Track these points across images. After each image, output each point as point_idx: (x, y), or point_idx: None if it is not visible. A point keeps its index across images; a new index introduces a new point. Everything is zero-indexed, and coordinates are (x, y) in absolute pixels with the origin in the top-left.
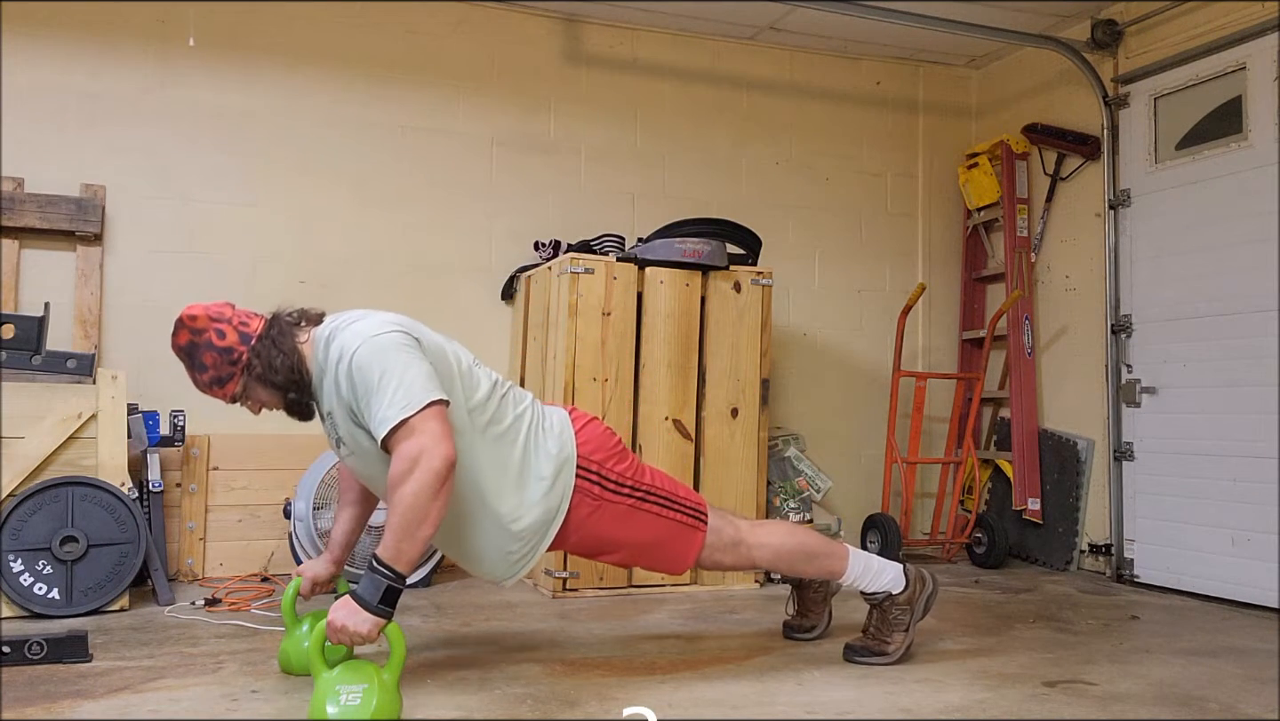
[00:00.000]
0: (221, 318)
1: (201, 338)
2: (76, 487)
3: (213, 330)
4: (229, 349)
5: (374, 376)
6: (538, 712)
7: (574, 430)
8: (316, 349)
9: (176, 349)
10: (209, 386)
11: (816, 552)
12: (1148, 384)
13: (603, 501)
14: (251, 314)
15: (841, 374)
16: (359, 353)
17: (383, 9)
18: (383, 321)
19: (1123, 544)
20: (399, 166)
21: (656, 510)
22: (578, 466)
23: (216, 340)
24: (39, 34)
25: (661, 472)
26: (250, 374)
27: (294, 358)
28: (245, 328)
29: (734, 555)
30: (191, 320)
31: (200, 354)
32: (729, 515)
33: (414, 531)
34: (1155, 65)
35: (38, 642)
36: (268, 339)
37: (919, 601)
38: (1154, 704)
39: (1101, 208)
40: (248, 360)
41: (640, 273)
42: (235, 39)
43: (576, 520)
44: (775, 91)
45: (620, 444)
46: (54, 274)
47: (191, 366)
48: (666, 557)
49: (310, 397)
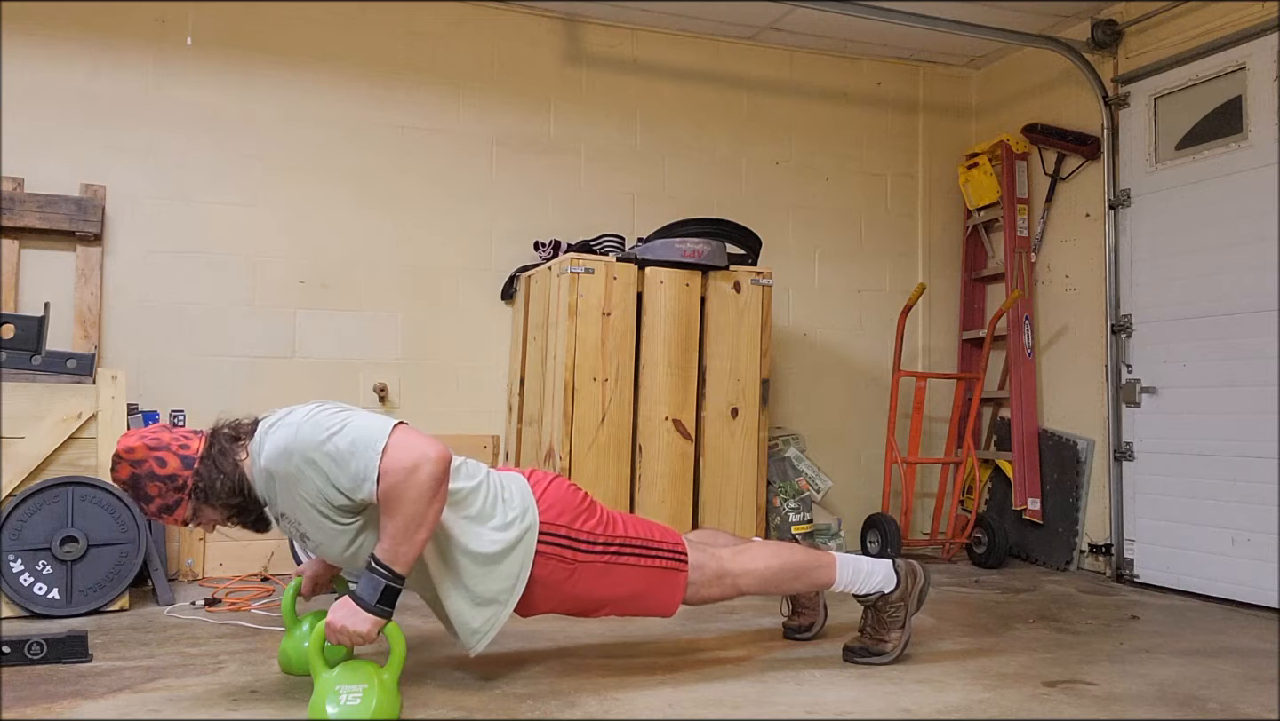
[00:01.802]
0: (160, 445)
1: (142, 469)
2: (76, 487)
3: (152, 459)
4: (172, 475)
5: (331, 449)
6: (538, 712)
7: (535, 496)
8: (255, 459)
9: (119, 483)
10: (158, 515)
11: (803, 569)
12: (1148, 384)
13: (577, 564)
14: (190, 433)
15: (841, 374)
16: (299, 443)
17: (383, 9)
18: (306, 408)
19: (1123, 544)
20: (399, 166)
21: (634, 560)
22: (546, 533)
23: (158, 469)
24: (39, 34)
25: (634, 518)
26: (197, 497)
27: (235, 475)
28: (186, 450)
29: (720, 587)
30: (129, 452)
31: (144, 485)
32: (709, 547)
33: (412, 534)
34: (1155, 65)
35: (38, 642)
36: (209, 459)
37: (912, 596)
38: (1154, 704)
39: (1101, 208)
40: (193, 485)
41: (640, 273)
42: (235, 39)
43: (553, 585)
44: (775, 91)
45: (586, 499)
46: (54, 274)
47: (137, 498)
48: (653, 604)
49: (259, 509)
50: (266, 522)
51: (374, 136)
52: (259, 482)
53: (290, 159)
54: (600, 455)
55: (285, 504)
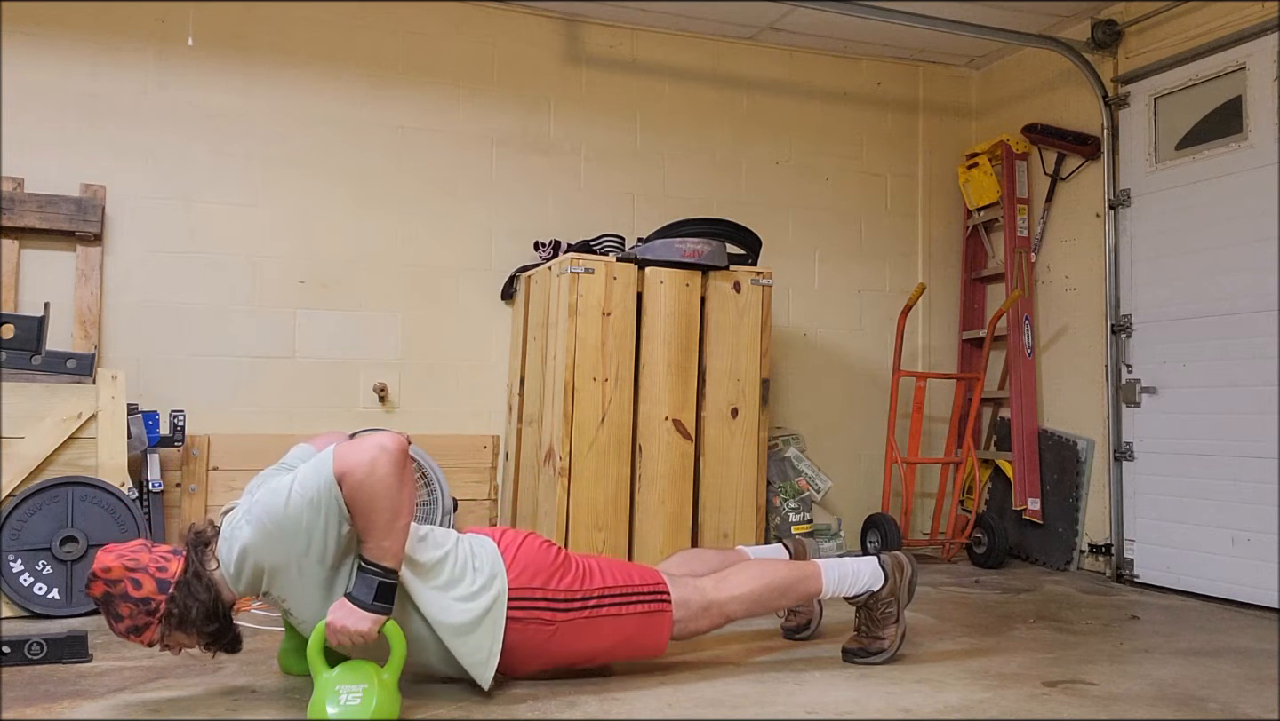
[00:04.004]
0: (138, 566)
1: (117, 589)
2: (76, 488)
3: (128, 581)
4: (145, 599)
5: (297, 494)
6: (538, 712)
7: (506, 561)
8: (225, 564)
9: (92, 599)
10: (126, 635)
11: (788, 584)
12: (1148, 384)
13: (557, 624)
14: (168, 553)
15: (841, 374)
16: (256, 506)
17: (383, 9)
18: (246, 499)
19: (1123, 544)
20: (399, 166)
21: (615, 610)
22: (521, 598)
23: (132, 590)
24: (39, 34)
25: (611, 563)
26: (169, 623)
27: (210, 595)
28: (163, 573)
29: (709, 619)
30: (105, 572)
31: (115, 605)
32: (690, 581)
33: (390, 524)
34: (1155, 65)
35: (38, 642)
36: (184, 584)
37: (902, 589)
38: (1154, 704)
39: (1101, 208)
40: (165, 610)
41: (640, 273)
42: (235, 39)
43: (536, 647)
44: (775, 91)
45: (559, 555)
46: (54, 274)
47: (108, 616)
48: (641, 648)
49: (231, 629)
50: (239, 642)
51: (374, 136)
52: (231, 579)
53: (290, 159)
54: (600, 455)
55: (264, 584)
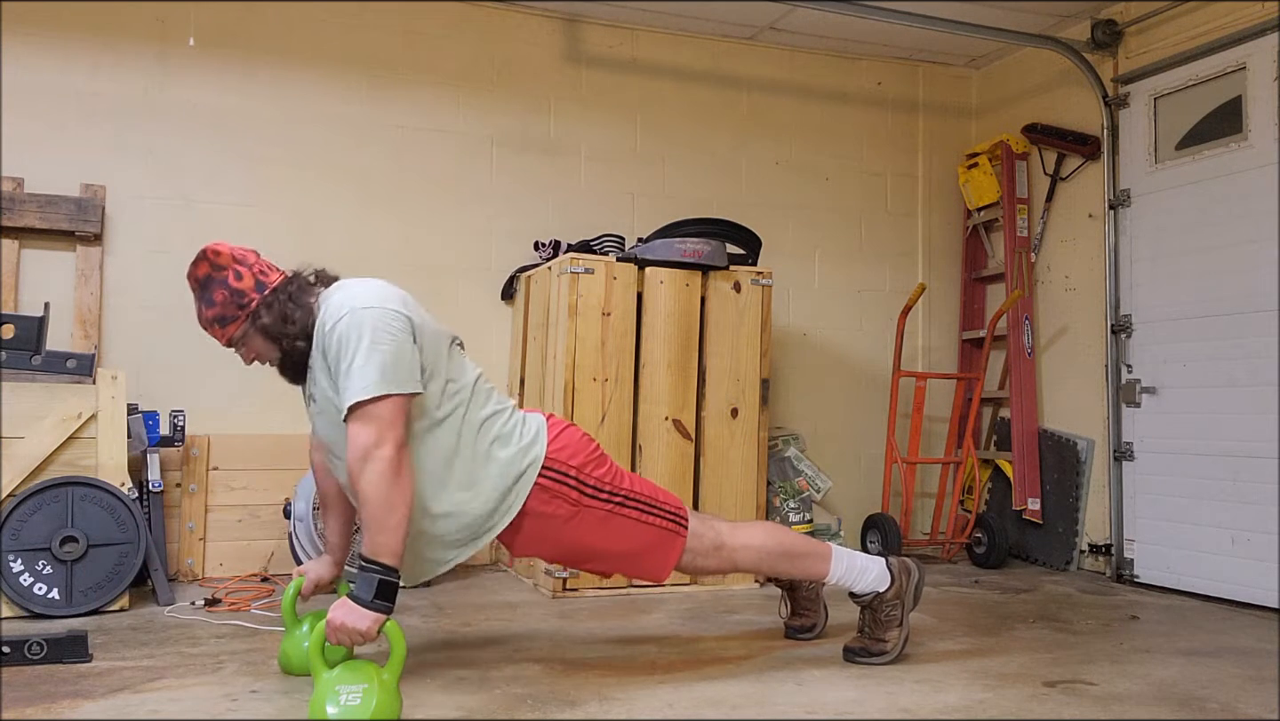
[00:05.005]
0: (244, 261)
1: (220, 274)
2: (76, 487)
3: (232, 270)
4: (241, 292)
5: (349, 349)
6: (538, 712)
7: (549, 436)
8: (318, 309)
9: (192, 279)
10: (210, 323)
11: (799, 552)
12: (1148, 384)
13: (580, 506)
14: (273, 266)
15: (841, 374)
16: (342, 322)
17: (383, 9)
18: (375, 294)
19: (1123, 544)
20: (399, 166)
21: (636, 515)
22: (553, 470)
23: (233, 280)
24: (39, 34)
25: (640, 478)
26: (254, 322)
27: (309, 317)
28: (264, 277)
29: (716, 559)
30: (215, 255)
31: (213, 289)
32: (709, 518)
33: (386, 521)
34: (1155, 65)
35: (38, 642)
36: (284, 293)
37: (908, 593)
38: (1154, 704)
39: (1101, 208)
40: (255, 309)
41: (640, 273)
42: (235, 39)
43: (553, 523)
44: (775, 91)
45: (598, 450)
46: (54, 274)
47: (200, 299)
48: (648, 565)
49: (306, 358)
50: (304, 373)
51: (374, 136)
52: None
53: (290, 159)
54: None
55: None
